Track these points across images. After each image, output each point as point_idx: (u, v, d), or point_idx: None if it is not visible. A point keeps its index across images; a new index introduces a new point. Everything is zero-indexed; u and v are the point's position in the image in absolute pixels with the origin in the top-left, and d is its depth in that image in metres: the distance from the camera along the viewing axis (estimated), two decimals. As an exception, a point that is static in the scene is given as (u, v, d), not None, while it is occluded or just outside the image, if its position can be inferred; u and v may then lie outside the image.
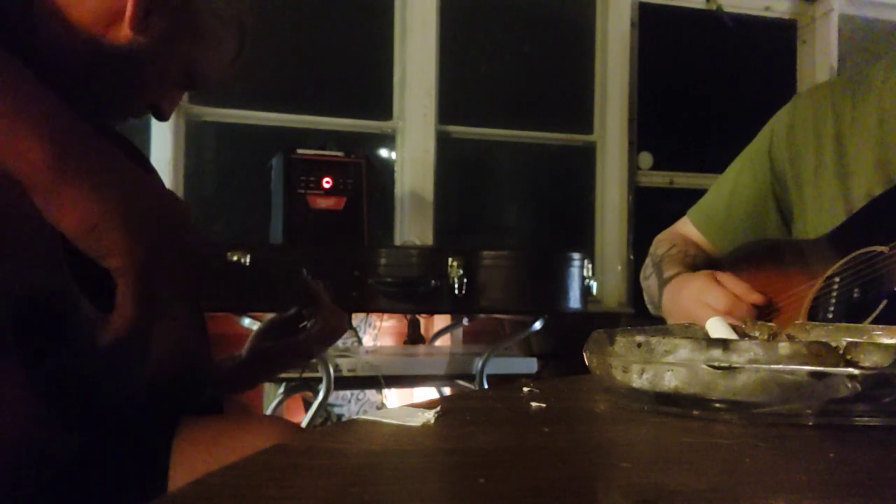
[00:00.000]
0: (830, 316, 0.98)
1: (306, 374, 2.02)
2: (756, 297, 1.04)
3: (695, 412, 0.56)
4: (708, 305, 1.04)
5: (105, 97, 0.84)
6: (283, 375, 2.01)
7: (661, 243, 1.29)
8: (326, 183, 2.22)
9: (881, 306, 0.91)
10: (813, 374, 0.51)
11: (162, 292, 0.67)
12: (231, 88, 2.75)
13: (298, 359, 1.18)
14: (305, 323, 1.14)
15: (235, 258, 1.72)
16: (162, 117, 0.91)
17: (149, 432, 0.83)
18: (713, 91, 3.42)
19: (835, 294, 0.98)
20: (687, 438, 0.52)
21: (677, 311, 1.13)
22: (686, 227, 1.31)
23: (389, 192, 3.02)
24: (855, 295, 0.95)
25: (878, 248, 0.92)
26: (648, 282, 1.26)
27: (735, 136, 1.40)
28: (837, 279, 0.98)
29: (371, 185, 2.31)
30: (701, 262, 1.22)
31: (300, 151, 2.24)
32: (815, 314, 1.00)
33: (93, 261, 0.64)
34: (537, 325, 2.17)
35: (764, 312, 1.05)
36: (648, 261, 1.29)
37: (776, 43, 3.50)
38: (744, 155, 1.26)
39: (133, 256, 0.64)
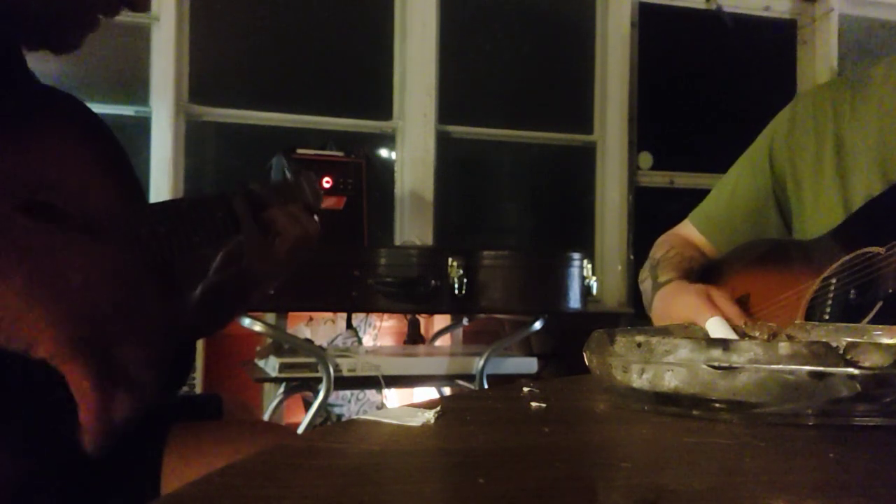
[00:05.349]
0: (827, 317, 0.97)
1: (306, 375, 2.02)
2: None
3: (695, 412, 0.56)
4: None
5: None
6: (283, 375, 2.00)
7: (660, 246, 1.29)
8: (326, 183, 2.22)
9: (877, 308, 0.90)
10: (813, 374, 0.51)
11: (131, 363, 0.57)
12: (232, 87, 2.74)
13: (247, 283, 1.01)
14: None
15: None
16: (138, 7, 0.79)
17: (140, 442, 0.81)
18: (713, 91, 3.42)
19: (831, 295, 0.98)
20: (687, 438, 0.52)
21: (666, 323, 1.11)
22: (687, 230, 1.31)
23: (389, 192, 3.02)
24: (851, 296, 0.94)
25: (875, 250, 0.92)
26: (644, 285, 1.26)
27: (735, 136, 1.40)
28: (834, 280, 0.98)
29: (371, 185, 2.31)
30: (698, 264, 1.22)
31: (300, 151, 2.24)
32: (811, 315, 1.00)
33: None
34: (537, 325, 2.17)
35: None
36: (647, 264, 1.29)
37: (776, 43, 3.50)
38: (745, 157, 1.26)
39: (64, 336, 0.53)
